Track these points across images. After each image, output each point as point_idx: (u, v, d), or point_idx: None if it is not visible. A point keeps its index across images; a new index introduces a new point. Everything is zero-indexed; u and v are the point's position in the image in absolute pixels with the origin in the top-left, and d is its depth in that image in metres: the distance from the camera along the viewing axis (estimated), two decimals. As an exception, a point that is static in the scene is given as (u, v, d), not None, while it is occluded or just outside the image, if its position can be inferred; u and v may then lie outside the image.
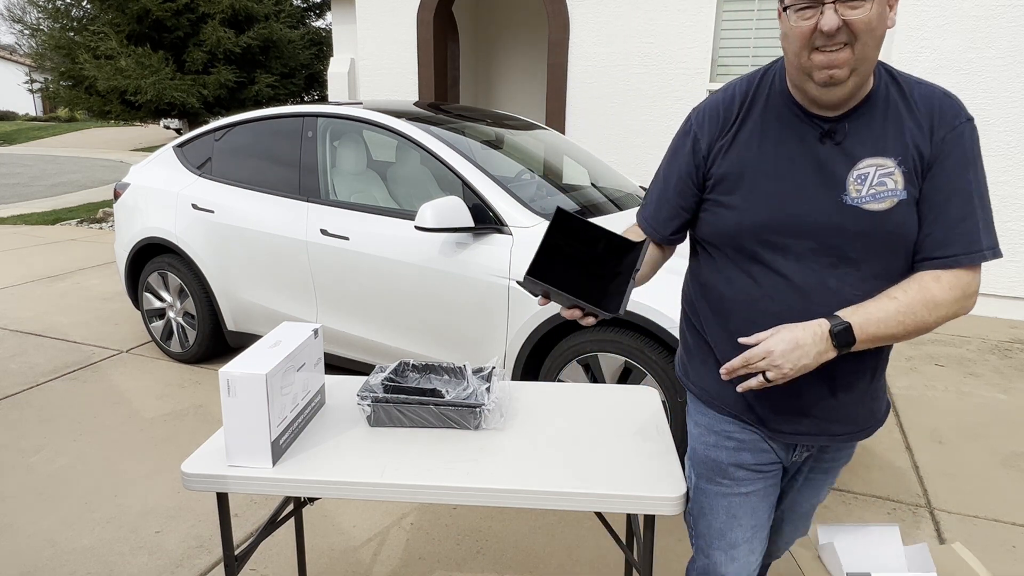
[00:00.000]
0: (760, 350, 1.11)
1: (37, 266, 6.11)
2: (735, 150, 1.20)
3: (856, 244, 1.13)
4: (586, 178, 3.60)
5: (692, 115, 1.27)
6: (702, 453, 1.37)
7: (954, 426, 3.20)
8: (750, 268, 1.21)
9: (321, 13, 15.34)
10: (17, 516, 2.46)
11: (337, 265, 3.14)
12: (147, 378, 3.69)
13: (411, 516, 2.47)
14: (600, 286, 1.26)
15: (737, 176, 1.19)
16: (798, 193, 1.15)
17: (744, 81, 1.23)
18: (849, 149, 1.13)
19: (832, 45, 1.04)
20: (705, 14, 5.88)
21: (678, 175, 1.27)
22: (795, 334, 1.10)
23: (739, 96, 1.22)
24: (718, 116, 1.23)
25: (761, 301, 1.21)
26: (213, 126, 3.77)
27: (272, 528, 1.65)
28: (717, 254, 1.26)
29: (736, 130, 1.20)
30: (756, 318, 1.21)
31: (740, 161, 1.19)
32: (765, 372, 1.12)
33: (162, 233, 3.72)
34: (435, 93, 7.00)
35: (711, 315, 1.30)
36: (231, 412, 1.35)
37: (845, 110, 1.13)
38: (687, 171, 1.26)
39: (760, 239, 1.18)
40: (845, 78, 1.06)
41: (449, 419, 1.54)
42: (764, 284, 1.20)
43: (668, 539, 2.35)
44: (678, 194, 1.28)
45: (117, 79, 10.99)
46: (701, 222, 1.28)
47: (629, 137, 6.37)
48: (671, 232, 1.33)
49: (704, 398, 1.35)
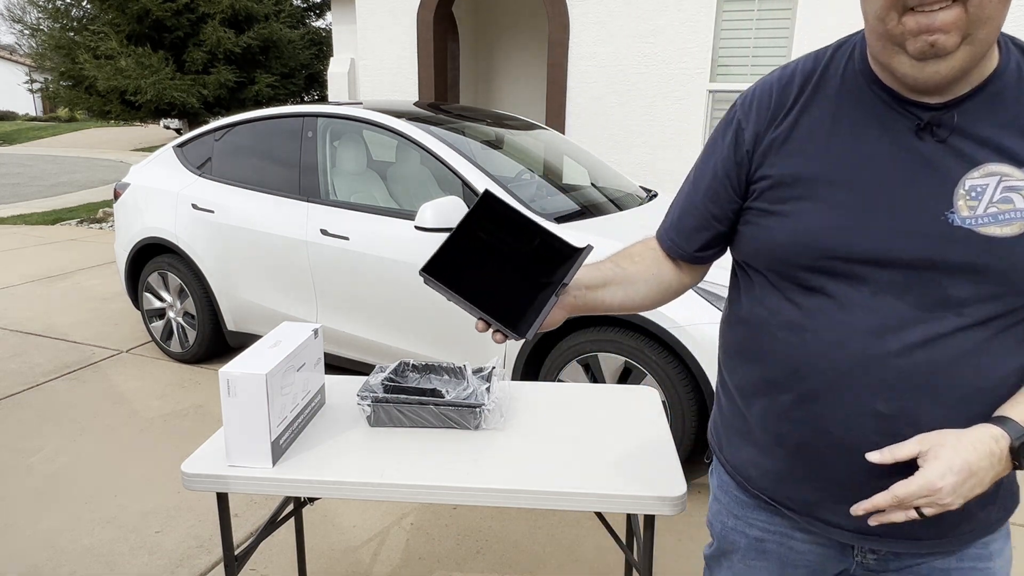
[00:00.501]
0: (919, 487, 0.78)
1: (37, 266, 6.11)
2: (793, 145, 0.88)
3: (962, 281, 0.81)
4: (586, 178, 3.60)
5: (737, 100, 0.97)
6: (718, 530, 1.11)
7: (954, 426, 3.20)
8: (804, 302, 0.89)
9: (321, 13, 15.34)
10: (17, 516, 2.46)
11: (337, 265, 3.14)
12: (147, 378, 3.69)
13: (411, 516, 2.47)
14: (523, 296, 1.00)
15: (794, 179, 0.88)
16: (882, 206, 0.83)
17: (810, 58, 0.92)
18: (959, 150, 0.81)
19: (933, 2, 0.73)
20: (705, 14, 5.88)
21: (713, 174, 0.97)
22: (964, 458, 0.77)
23: (801, 75, 0.90)
24: (770, 99, 0.92)
25: (814, 351, 0.87)
26: (213, 126, 3.77)
27: (272, 528, 1.65)
28: (760, 281, 0.95)
29: (795, 118, 0.89)
30: (808, 376, 0.88)
31: (799, 160, 0.88)
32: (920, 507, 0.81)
33: (162, 233, 3.72)
34: (435, 93, 7.00)
35: (746, 366, 0.98)
36: (231, 412, 1.35)
37: (954, 96, 0.81)
38: (724, 170, 0.96)
39: (821, 265, 0.86)
40: (953, 47, 0.75)
41: (449, 419, 1.54)
42: (820, 327, 0.87)
43: (668, 539, 2.35)
44: (710, 199, 0.99)
45: (117, 79, 10.99)
46: (740, 237, 0.97)
47: (629, 137, 6.37)
48: (697, 247, 1.03)
49: (738, 479, 1.04)
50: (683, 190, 1.07)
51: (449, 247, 0.96)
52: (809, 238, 0.86)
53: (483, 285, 0.97)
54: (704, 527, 2.41)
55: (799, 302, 0.89)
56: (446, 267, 0.96)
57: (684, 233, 1.04)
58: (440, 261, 0.95)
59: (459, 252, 0.98)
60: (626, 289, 1.06)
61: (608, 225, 2.93)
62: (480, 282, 0.98)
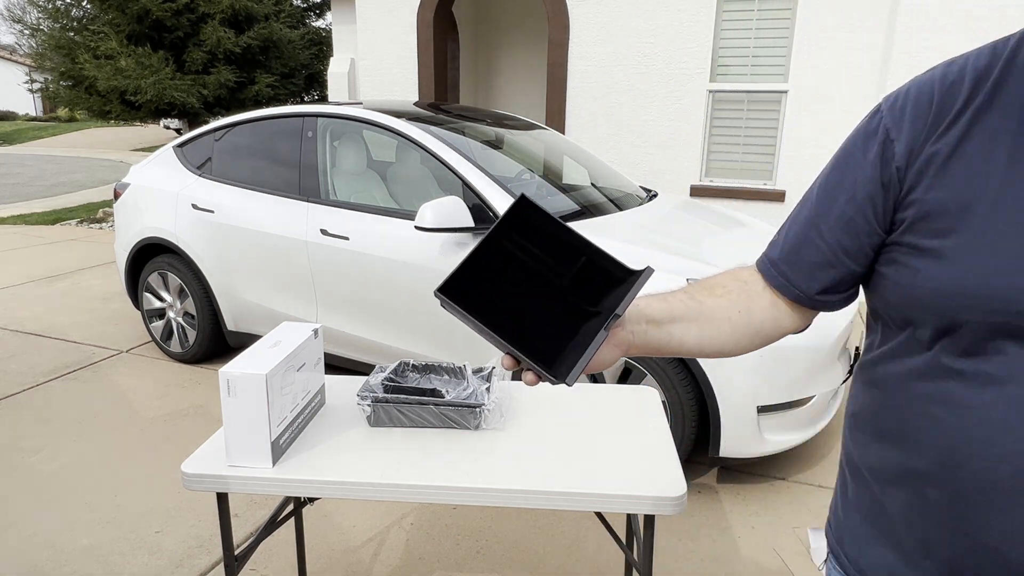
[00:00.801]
0: None
1: (37, 266, 6.11)
2: (960, 163, 0.68)
3: None
4: (586, 178, 3.60)
5: (883, 104, 0.75)
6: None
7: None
8: (968, 369, 0.68)
9: (321, 13, 15.35)
10: (17, 516, 2.46)
11: (337, 265, 3.14)
12: (147, 378, 3.69)
13: (411, 516, 2.47)
14: (563, 328, 0.81)
15: (960, 208, 0.67)
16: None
17: (984, 51, 0.71)
18: None
19: None
20: (705, 14, 5.88)
21: (848, 197, 0.75)
22: None
23: (972, 72, 0.70)
24: (929, 103, 0.71)
25: (978, 437, 0.66)
26: (213, 126, 3.77)
27: (272, 528, 1.65)
28: (906, 337, 0.74)
29: (965, 129, 0.68)
30: (968, 470, 0.67)
31: (968, 183, 0.67)
32: None
33: (162, 233, 3.72)
34: (435, 93, 7.00)
35: (882, 445, 0.77)
36: (231, 412, 1.35)
37: None
38: (866, 193, 0.74)
39: (995, 322, 0.66)
40: None
41: (449, 419, 1.54)
42: (988, 405, 0.66)
43: (668, 539, 2.35)
44: (842, 229, 0.76)
45: (117, 79, 11.00)
46: (881, 280, 0.75)
47: (629, 137, 6.37)
48: (820, 288, 0.80)
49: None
50: (801, 213, 0.82)
51: (472, 263, 0.76)
52: (979, 286, 0.65)
53: (513, 312, 0.79)
54: (704, 527, 2.41)
55: (961, 369, 0.68)
56: (468, 288, 0.76)
57: (803, 269, 0.81)
58: (461, 280, 0.75)
59: (485, 270, 0.78)
60: (702, 328, 0.84)
61: (608, 225, 2.93)
62: (510, 308, 0.79)
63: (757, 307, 0.85)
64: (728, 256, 2.83)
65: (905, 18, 4.93)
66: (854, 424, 0.82)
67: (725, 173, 6.24)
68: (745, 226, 3.41)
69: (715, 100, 6.09)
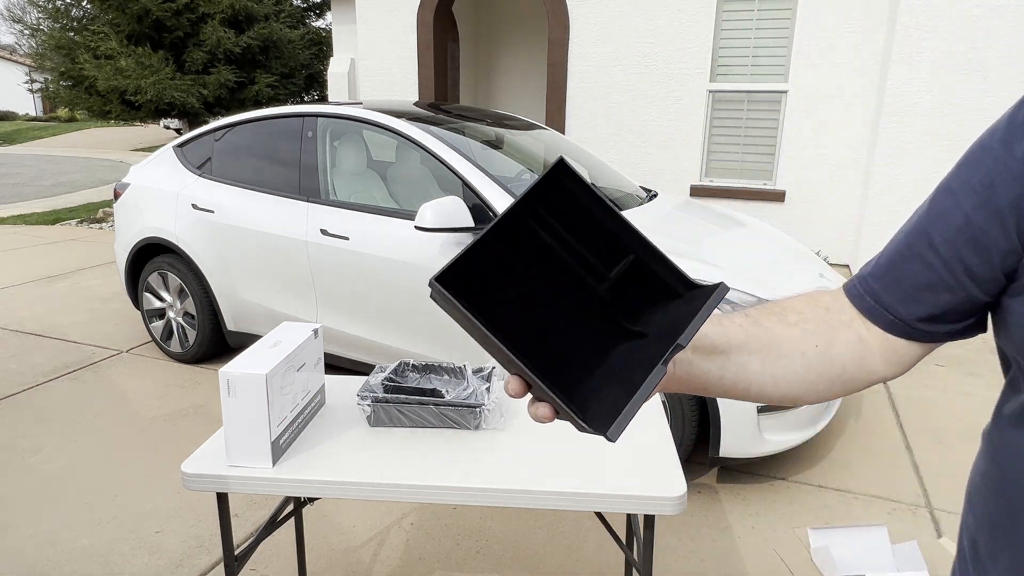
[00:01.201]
0: None
1: (37, 266, 6.11)
2: None
3: None
4: (586, 178, 3.60)
5: None
6: None
7: (954, 426, 3.20)
8: None
9: (321, 13, 15.35)
10: (17, 516, 2.46)
11: (337, 265, 3.14)
12: (147, 378, 3.69)
13: (411, 516, 2.47)
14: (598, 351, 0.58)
15: None
16: None
17: None
18: None
19: None
20: (705, 14, 5.88)
21: (980, 202, 0.56)
22: None
23: None
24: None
25: None
26: (213, 126, 3.77)
27: (272, 528, 1.65)
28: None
29: None
30: None
31: None
32: None
33: (162, 233, 3.72)
34: (435, 93, 7.00)
35: (998, 520, 0.60)
36: (231, 412, 1.35)
37: None
38: (1009, 197, 0.54)
39: None
40: None
41: (449, 419, 1.54)
42: None
43: (668, 539, 2.35)
44: (967, 242, 0.57)
45: (117, 79, 11.00)
46: (1016, 318, 0.56)
47: (629, 137, 6.37)
48: (923, 315, 0.61)
49: None
50: (907, 223, 0.63)
51: (484, 247, 0.53)
52: None
53: (532, 320, 0.56)
54: (704, 527, 2.41)
55: None
56: (475, 280, 0.53)
57: (903, 288, 0.62)
58: (467, 268, 0.52)
59: (500, 259, 0.56)
60: (767, 363, 0.65)
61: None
62: (528, 314, 0.57)
63: (840, 341, 0.65)
64: (728, 256, 2.83)
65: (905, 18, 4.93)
66: (993, 485, 0.62)
67: (725, 173, 6.24)
68: (745, 226, 3.41)
69: (715, 100, 6.09)
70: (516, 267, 0.57)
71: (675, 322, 0.55)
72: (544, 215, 0.57)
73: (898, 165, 5.12)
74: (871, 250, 5.26)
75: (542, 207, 0.57)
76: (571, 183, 0.56)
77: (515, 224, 0.56)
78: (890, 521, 2.46)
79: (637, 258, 0.58)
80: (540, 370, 0.53)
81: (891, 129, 5.11)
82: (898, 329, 0.63)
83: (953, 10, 4.79)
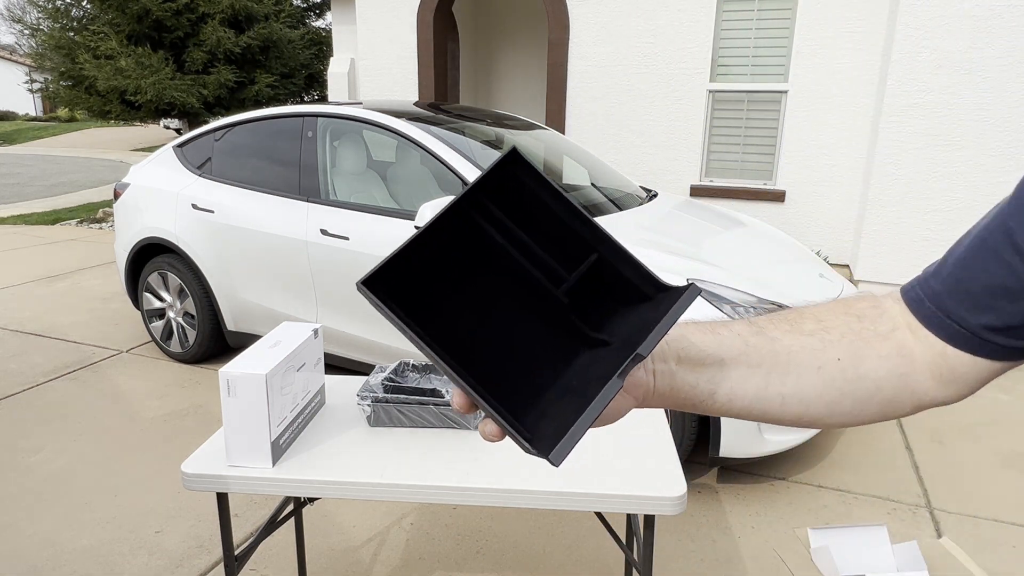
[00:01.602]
0: None
1: (37, 266, 6.11)
2: None
3: None
4: (586, 178, 3.60)
5: None
6: None
7: (954, 426, 3.20)
8: None
9: (321, 13, 15.35)
10: (17, 516, 2.46)
11: (337, 265, 3.14)
12: (147, 378, 3.69)
13: (411, 516, 2.47)
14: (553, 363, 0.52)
15: None
16: None
17: None
18: None
19: None
20: (705, 14, 5.88)
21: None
22: None
23: None
24: None
25: None
26: (213, 126, 3.77)
27: (272, 528, 1.65)
28: None
29: None
30: None
31: None
32: None
33: (162, 233, 3.72)
34: (435, 93, 7.00)
35: None
36: (231, 412, 1.35)
37: None
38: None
39: None
40: None
41: (449, 419, 1.54)
42: None
43: (668, 539, 2.35)
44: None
45: (117, 79, 11.00)
46: None
47: (629, 137, 6.37)
48: (1000, 324, 0.50)
49: None
50: (985, 219, 0.52)
51: (422, 245, 0.48)
52: None
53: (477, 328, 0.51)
54: (704, 527, 2.41)
55: None
56: (411, 282, 0.48)
57: (972, 292, 0.51)
58: (401, 268, 0.47)
59: (440, 258, 0.50)
60: (769, 377, 0.55)
61: (608, 225, 2.93)
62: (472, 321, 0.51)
63: (872, 355, 0.55)
64: (728, 256, 2.83)
65: (905, 18, 4.93)
66: None
67: (725, 173, 6.24)
68: (745, 226, 3.41)
69: (715, 100, 6.09)
70: (461, 269, 0.52)
71: (642, 329, 0.48)
72: (494, 211, 0.51)
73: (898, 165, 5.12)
74: (871, 250, 5.25)
75: (492, 202, 0.51)
76: (525, 175, 0.49)
77: (459, 221, 0.50)
78: (890, 521, 2.45)
79: (600, 258, 0.52)
80: (483, 383, 0.48)
81: (891, 129, 5.11)
82: (962, 341, 0.52)
83: (953, 10, 4.79)
